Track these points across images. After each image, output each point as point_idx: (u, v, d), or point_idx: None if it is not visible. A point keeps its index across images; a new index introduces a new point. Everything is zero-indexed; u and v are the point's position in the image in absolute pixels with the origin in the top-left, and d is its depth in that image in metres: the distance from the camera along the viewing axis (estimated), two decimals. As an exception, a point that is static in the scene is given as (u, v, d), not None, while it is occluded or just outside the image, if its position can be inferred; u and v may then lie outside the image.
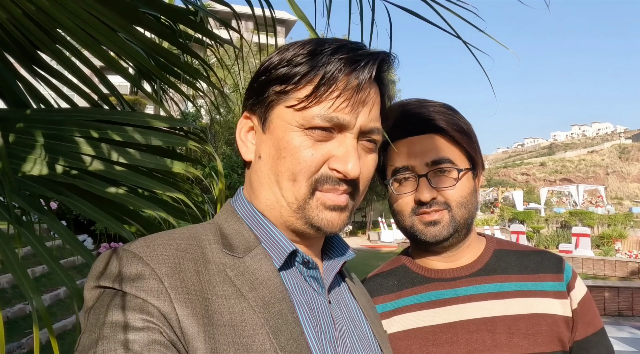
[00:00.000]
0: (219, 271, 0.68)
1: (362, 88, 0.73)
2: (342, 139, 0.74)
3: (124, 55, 1.47)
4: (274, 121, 0.75)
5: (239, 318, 0.65)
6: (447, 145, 1.09)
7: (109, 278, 0.63)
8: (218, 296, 0.65)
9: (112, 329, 0.58)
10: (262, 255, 0.73)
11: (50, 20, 1.31)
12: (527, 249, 1.19)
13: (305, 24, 1.04)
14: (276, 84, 0.75)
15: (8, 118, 1.38)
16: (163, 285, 0.62)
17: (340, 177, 0.73)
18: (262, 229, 0.77)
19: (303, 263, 0.77)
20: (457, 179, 1.07)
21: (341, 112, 0.72)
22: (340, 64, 0.71)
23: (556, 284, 1.08)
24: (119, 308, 0.60)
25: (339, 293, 0.86)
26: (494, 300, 1.06)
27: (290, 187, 0.74)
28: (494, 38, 1.14)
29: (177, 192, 1.30)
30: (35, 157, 1.29)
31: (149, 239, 0.68)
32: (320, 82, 0.71)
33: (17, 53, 1.50)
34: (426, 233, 1.08)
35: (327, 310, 0.77)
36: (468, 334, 1.03)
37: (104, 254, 0.67)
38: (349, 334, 0.79)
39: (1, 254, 1.02)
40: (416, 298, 1.11)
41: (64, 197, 1.23)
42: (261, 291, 0.69)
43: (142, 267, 0.63)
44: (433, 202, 1.06)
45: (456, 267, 1.13)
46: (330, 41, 0.76)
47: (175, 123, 1.46)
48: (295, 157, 0.73)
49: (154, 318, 0.60)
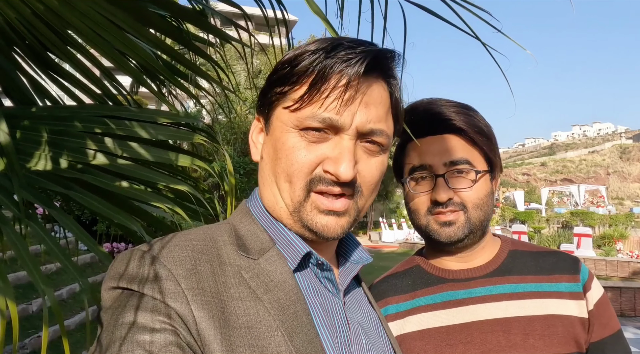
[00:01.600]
0: (234, 273, 0.68)
1: (351, 86, 0.70)
2: (338, 140, 0.72)
3: (131, 55, 1.47)
4: (274, 122, 0.76)
5: (254, 320, 0.65)
6: (466, 146, 1.09)
7: (127, 279, 0.64)
8: (234, 298, 0.66)
9: (130, 330, 0.59)
10: (276, 257, 0.73)
11: (59, 20, 1.32)
12: (542, 250, 1.18)
13: (322, 20, 1.03)
14: (277, 86, 0.75)
15: (15, 115, 1.38)
16: (180, 287, 0.62)
17: (333, 180, 0.72)
18: (276, 230, 0.77)
19: (317, 265, 0.76)
20: (475, 181, 1.07)
21: (332, 112, 0.70)
22: (333, 61, 0.70)
23: (572, 285, 1.07)
24: (136, 308, 0.61)
25: (355, 296, 0.86)
26: (509, 301, 1.06)
27: (287, 189, 0.74)
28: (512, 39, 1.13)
29: (183, 185, 1.30)
30: (42, 153, 1.29)
31: (165, 240, 0.68)
32: (313, 82, 0.70)
33: (26, 52, 1.50)
34: (441, 233, 1.07)
35: (342, 312, 0.77)
36: (483, 335, 1.03)
37: (122, 255, 0.67)
38: (364, 336, 0.79)
39: (14, 250, 1.02)
40: (431, 299, 1.11)
41: (72, 192, 1.23)
42: (276, 293, 0.69)
43: (159, 268, 0.63)
44: (449, 202, 1.06)
45: (471, 267, 1.12)
46: (332, 39, 0.75)
47: (182, 119, 1.46)
48: (289, 159, 0.72)
49: (171, 320, 0.60)
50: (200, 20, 1.54)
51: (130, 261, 0.65)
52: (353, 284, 0.88)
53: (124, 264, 0.65)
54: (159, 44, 1.43)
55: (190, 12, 1.57)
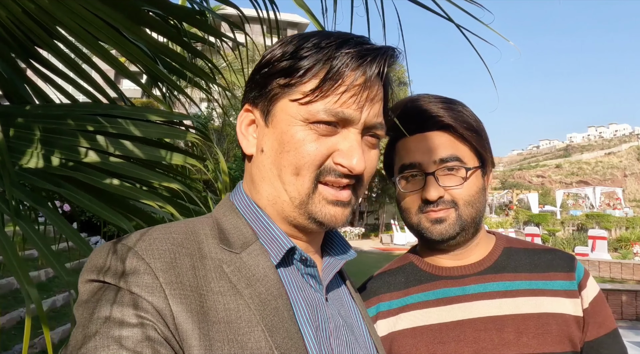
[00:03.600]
0: (215, 267, 0.68)
1: (371, 84, 0.73)
2: (347, 133, 0.73)
3: (126, 55, 1.47)
4: (278, 114, 0.74)
5: (234, 315, 0.64)
6: (455, 142, 1.07)
7: (104, 272, 0.63)
8: (214, 292, 0.65)
9: (105, 324, 0.58)
10: (259, 251, 0.73)
11: (50, 19, 1.32)
12: (537, 247, 1.16)
13: (310, 17, 1.03)
14: (280, 77, 0.74)
15: (9, 113, 1.40)
16: (158, 280, 0.61)
17: (345, 172, 0.73)
18: (260, 224, 0.76)
19: (301, 260, 0.76)
20: (466, 178, 1.06)
21: (348, 107, 0.71)
22: (347, 58, 0.71)
23: (567, 283, 1.05)
24: (112, 303, 0.59)
25: (337, 292, 0.85)
26: (503, 299, 1.04)
27: (293, 182, 0.73)
28: (496, 31, 1.11)
29: (175, 183, 1.30)
30: (35, 151, 1.30)
31: (145, 233, 0.67)
32: (327, 77, 0.70)
33: (18, 51, 1.51)
34: (432, 231, 1.06)
35: (324, 308, 0.76)
36: (476, 333, 1.01)
37: (100, 248, 0.66)
38: (345, 332, 0.78)
39: (2, 253, 1.02)
40: (424, 296, 1.10)
41: (63, 189, 1.24)
42: (257, 288, 0.68)
43: (137, 261, 0.62)
44: (440, 201, 1.05)
45: (464, 265, 1.11)
46: (335, 34, 0.75)
47: (174, 117, 1.46)
48: (299, 151, 0.72)
49: (148, 314, 0.59)
50: (195, 19, 1.54)
51: (108, 253, 0.64)
52: (336, 280, 0.87)
53: (101, 257, 0.64)
54: (151, 43, 1.43)
55: (185, 11, 1.57)
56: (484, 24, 1.06)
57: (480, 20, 1.05)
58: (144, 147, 1.39)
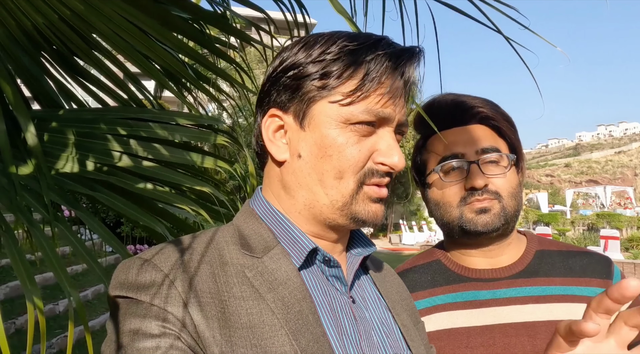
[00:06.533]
0: (237, 272, 0.68)
1: (410, 85, 0.75)
2: (383, 133, 0.74)
3: (156, 59, 1.48)
4: (316, 117, 0.73)
5: (257, 319, 0.64)
6: (493, 135, 1.08)
7: (126, 287, 0.64)
8: (236, 298, 0.65)
9: (130, 337, 0.60)
10: (281, 255, 0.72)
11: (85, 25, 1.34)
12: (572, 248, 1.13)
13: (349, 24, 1.02)
14: (315, 79, 0.72)
15: (43, 118, 1.41)
16: (177, 290, 0.63)
17: (386, 171, 0.74)
18: (281, 227, 0.76)
19: (324, 262, 0.75)
20: (509, 166, 1.05)
21: (387, 107, 0.72)
22: (384, 59, 0.72)
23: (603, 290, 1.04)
24: (135, 316, 0.61)
25: (363, 289, 0.84)
26: (536, 304, 1.01)
27: (336, 186, 0.73)
28: (542, 37, 1.10)
29: (206, 186, 1.31)
30: (70, 155, 1.31)
31: (165, 246, 0.69)
32: (366, 77, 0.71)
33: (53, 56, 1.53)
34: (477, 221, 1.03)
35: (350, 310, 0.75)
36: (506, 339, 0.99)
37: (123, 263, 0.68)
38: (374, 332, 0.77)
39: (41, 252, 1.04)
40: (451, 297, 1.07)
41: (98, 193, 1.25)
42: (280, 292, 0.68)
43: (155, 274, 0.64)
44: (485, 189, 1.03)
45: (496, 268, 1.08)
46: (363, 35, 0.76)
47: (204, 121, 1.47)
48: (342, 155, 0.72)
49: (170, 324, 0.60)
50: (222, 22, 1.55)
51: (129, 269, 0.66)
52: (360, 276, 0.85)
53: (123, 272, 0.66)
54: (181, 47, 1.44)
55: (213, 15, 1.58)
56: (531, 30, 1.06)
57: (526, 26, 1.05)
58: (176, 151, 1.40)
